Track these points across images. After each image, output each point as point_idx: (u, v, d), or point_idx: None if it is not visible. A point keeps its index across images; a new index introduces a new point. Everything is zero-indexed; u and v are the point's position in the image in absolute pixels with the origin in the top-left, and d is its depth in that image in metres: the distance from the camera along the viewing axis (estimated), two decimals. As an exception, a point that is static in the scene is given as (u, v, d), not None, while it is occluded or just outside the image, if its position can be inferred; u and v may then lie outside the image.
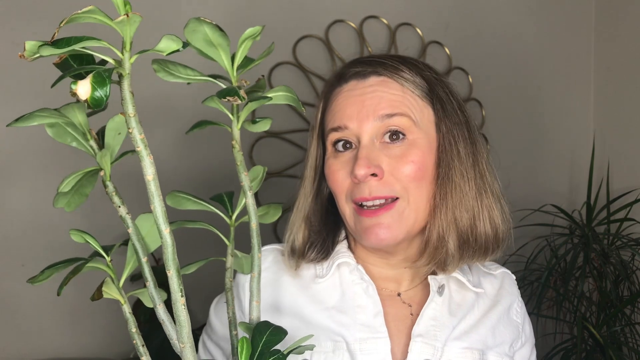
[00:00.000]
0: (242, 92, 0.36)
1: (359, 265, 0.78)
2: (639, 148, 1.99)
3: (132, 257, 0.42)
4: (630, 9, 2.04)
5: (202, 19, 0.36)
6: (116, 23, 0.29)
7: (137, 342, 0.40)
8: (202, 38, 0.36)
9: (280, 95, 0.42)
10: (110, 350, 1.48)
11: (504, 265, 0.95)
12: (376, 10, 1.78)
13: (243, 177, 0.43)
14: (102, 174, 0.37)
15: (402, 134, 0.73)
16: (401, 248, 0.77)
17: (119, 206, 0.38)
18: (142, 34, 0.51)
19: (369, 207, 0.72)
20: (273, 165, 1.63)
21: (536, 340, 0.88)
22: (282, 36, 1.65)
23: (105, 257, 0.41)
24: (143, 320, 1.32)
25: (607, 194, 1.89)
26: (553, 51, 2.11)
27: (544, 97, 2.10)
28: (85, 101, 0.28)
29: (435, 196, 0.74)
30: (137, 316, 0.41)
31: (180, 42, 0.32)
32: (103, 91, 0.29)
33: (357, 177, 0.71)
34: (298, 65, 1.67)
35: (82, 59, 0.33)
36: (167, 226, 0.35)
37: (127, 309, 0.41)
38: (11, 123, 0.31)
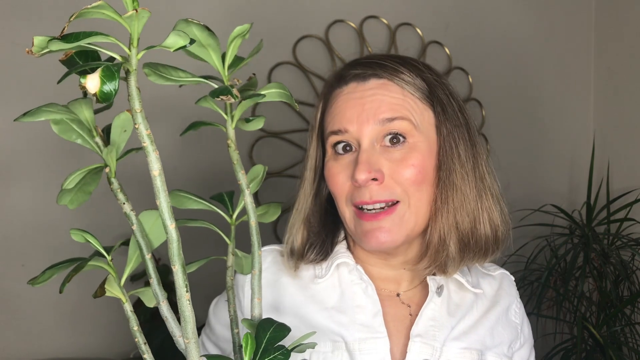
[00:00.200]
0: (234, 91, 0.36)
1: (358, 266, 0.78)
2: (639, 148, 1.99)
3: (134, 255, 0.42)
4: (631, 9, 2.04)
5: (190, 20, 0.36)
6: (125, 18, 0.29)
7: (139, 340, 0.40)
8: None
9: (273, 92, 0.42)
10: (110, 350, 1.48)
11: (504, 265, 0.96)
12: (376, 10, 1.78)
13: (240, 175, 0.42)
14: (107, 170, 0.37)
15: (403, 137, 0.72)
16: (401, 250, 0.77)
17: (123, 203, 0.38)
18: (142, 34, 0.51)
19: (369, 210, 0.72)
20: (273, 165, 1.63)
21: (536, 340, 0.88)
22: (282, 36, 1.65)
23: (107, 256, 0.41)
24: (143, 320, 1.32)
25: (607, 194, 1.89)
26: (553, 51, 2.11)
27: (544, 97, 2.10)
28: (94, 95, 0.28)
29: (436, 199, 0.74)
30: (137, 316, 0.41)
31: (187, 38, 0.32)
32: (112, 85, 0.29)
33: (358, 182, 0.70)
34: (298, 65, 1.67)
35: (87, 56, 0.33)
36: (173, 221, 0.35)
37: (128, 307, 0.41)
38: (18, 118, 0.31)
